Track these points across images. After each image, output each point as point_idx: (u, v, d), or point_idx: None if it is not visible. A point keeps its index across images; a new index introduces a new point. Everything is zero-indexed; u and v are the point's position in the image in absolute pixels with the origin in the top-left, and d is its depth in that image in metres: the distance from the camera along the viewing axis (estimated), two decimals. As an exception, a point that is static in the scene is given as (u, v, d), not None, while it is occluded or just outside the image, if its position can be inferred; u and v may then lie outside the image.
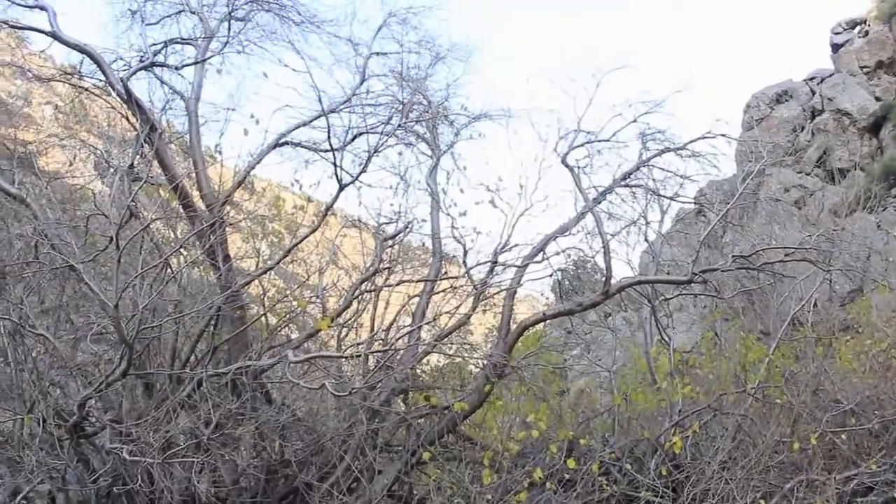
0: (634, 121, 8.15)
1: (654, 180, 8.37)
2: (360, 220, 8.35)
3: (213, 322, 6.71)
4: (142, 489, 5.66)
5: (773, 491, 6.81)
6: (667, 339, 9.16)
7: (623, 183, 8.31)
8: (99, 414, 6.43)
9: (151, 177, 6.76)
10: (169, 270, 6.52)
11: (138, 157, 6.81)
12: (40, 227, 6.40)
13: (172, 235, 7.60)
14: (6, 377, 6.72)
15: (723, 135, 8.21)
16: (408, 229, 7.94)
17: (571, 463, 6.66)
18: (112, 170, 7.27)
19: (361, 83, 7.82)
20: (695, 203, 10.55)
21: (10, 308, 6.33)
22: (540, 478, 6.44)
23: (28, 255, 6.75)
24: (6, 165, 7.77)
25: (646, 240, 8.92)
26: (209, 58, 7.51)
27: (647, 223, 8.59)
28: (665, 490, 6.89)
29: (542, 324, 8.36)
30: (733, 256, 8.01)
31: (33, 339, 6.54)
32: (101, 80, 7.32)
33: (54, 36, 6.65)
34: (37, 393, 6.34)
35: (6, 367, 6.75)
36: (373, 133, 7.48)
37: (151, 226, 6.73)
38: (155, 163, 6.92)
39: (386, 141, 7.54)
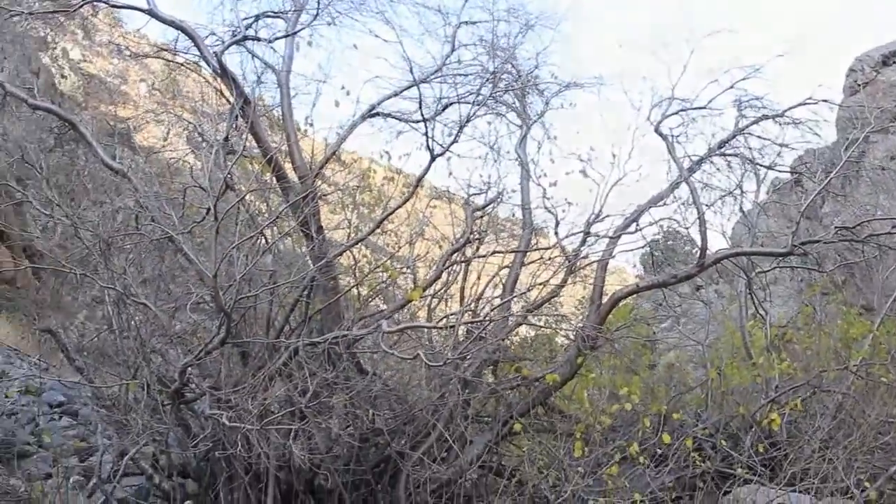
0: (731, 87, 7.82)
1: (750, 149, 8.09)
2: (448, 191, 8.33)
3: (306, 292, 6.81)
4: (240, 454, 5.82)
5: (878, 473, 6.53)
6: (763, 312, 8.88)
7: (718, 152, 8.06)
8: (198, 381, 6.61)
9: (245, 149, 6.87)
10: (264, 241, 6.63)
11: (232, 129, 6.92)
12: (141, 199, 6.59)
13: (265, 207, 7.73)
14: (111, 344, 7.01)
15: (825, 100, 7.81)
16: (498, 200, 7.89)
17: (667, 438, 6.54)
18: (206, 143, 7.43)
19: (451, 53, 7.73)
20: (792, 172, 10.11)
21: (115, 277, 6.57)
22: (635, 452, 6.35)
23: (129, 227, 6.98)
24: (107, 141, 8.04)
25: (741, 210, 8.66)
26: (299, 30, 7.54)
27: (743, 193, 8.32)
28: (762, 468, 6.72)
29: (633, 296, 8.19)
30: (836, 228, 7.64)
31: (135, 308, 6.77)
32: (195, 56, 7.45)
33: (151, 13, 6.78)
34: (140, 359, 6.58)
35: (111, 334, 7.03)
36: (463, 103, 7.41)
37: (245, 198, 6.85)
38: (248, 135, 7.02)
39: (476, 111, 7.46)
